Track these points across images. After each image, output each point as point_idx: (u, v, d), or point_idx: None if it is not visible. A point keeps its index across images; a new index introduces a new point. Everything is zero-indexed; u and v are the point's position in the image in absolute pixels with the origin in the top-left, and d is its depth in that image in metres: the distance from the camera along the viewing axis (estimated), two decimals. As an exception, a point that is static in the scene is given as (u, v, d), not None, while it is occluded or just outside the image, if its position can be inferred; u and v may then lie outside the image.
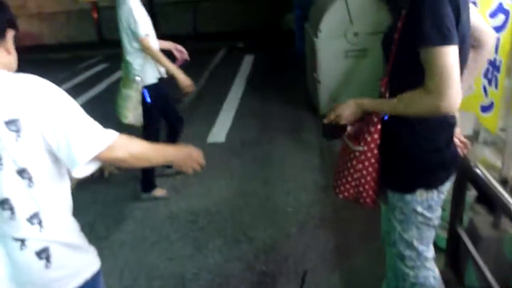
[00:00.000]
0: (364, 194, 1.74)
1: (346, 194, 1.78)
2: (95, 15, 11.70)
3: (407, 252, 1.76)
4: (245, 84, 6.92)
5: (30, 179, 1.25)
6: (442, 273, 2.33)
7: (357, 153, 1.67)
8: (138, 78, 3.34)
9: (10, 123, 1.20)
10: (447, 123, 1.62)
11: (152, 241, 3.11)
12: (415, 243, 1.74)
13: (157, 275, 2.75)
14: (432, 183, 1.63)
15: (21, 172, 1.24)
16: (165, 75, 3.49)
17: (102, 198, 3.73)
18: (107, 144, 1.29)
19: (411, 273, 1.80)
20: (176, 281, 2.69)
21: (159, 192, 3.69)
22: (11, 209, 1.25)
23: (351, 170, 1.71)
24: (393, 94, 1.56)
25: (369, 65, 4.91)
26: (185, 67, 3.58)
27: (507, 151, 2.56)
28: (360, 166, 1.68)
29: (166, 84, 3.54)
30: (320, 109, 5.14)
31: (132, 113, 3.45)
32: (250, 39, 10.62)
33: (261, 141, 4.72)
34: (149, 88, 3.39)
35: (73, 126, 1.26)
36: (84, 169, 1.29)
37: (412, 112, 1.48)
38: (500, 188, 2.15)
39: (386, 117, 1.61)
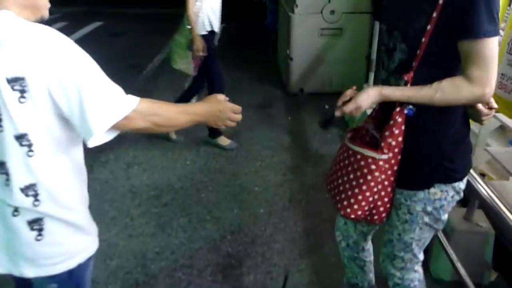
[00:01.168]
0: (381, 209, 1.56)
1: (359, 212, 1.55)
2: (54, -31, 10.94)
3: (401, 254, 1.67)
4: (213, 56, 6.67)
5: (29, 146, 1.09)
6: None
7: (381, 162, 1.49)
8: (188, 27, 3.43)
9: (13, 81, 1.03)
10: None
11: (111, 217, 2.92)
12: (413, 245, 1.64)
13: (115, 253, 2.58)
14: (449, 177, 1.52)
15: (20, 138, 1.08)
16: (216, 30, 3.59)
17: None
18: (125, 114, 1.14)
19: (398, 274, 1.73)
20: (136, 260, 2.54)
21: (223, 140, 3.82)
22: (7, 174, 1.12)
23: (372, 183, 1.51)
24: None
25: (343, 45, 4.81)
26: (151, 32, 3.41)
27: (478, 143, 2.56)
28: (383, 176, 1.50)
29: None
30: (290, 87, 5.02)
31: (181, 60, 3.60)
32: (222, 9, 10.27)
33: (229, 116, 4.56)
34: None
35: (89, 89, 1.09)
36: (100, 138, 1.13)
37: (450, 100, 1.37)
38: (479, 180, 2.14)
39: (410, 113, 1.45)
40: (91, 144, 1.14)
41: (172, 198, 3.13)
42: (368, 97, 1.45)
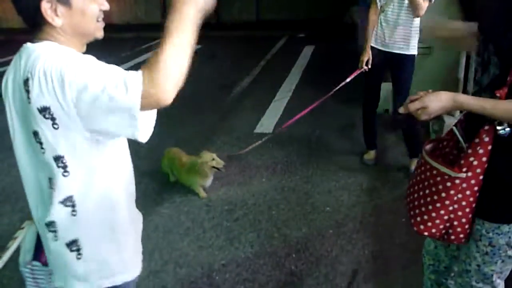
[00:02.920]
0: (459, 229, 1.47)
1: (433, 230, 1.50)
2: (161, -3, 11.94)
3: (480, 285, 1.56)
4: (301, 76, 6.78)
5: (64, 168, 1.20)
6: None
7: (457, 181, 1.41)
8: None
9: (43, 110, 1.12)
10: None
11: (185, 227, 3.10)
12: (494, 277, 1.53)
13: (185, 263, 2.74)
14: None
15: (57, 159, 1.19)
16: (375, 45, 3.82)
17: (147, 180, 3.74)
18: (139, 94, 1.06)
19: None
20: (203, 271, 2.66)
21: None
22: (52, 188, 1.23)
23: (447, 202, 1.44)
24: None
25: (431, 64, 4.60)
26: (244, 54, 3.53)
27: None
28: (459, 196, 1.42)
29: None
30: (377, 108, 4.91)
31: None
32: (312, 29, 10.41)
33: (309, 136, 4.60)
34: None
35: (102, 89, 1.07)
36: (144, 130, 1.13)
37: None
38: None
39: (505, 135, 1.32)
40: (142, 138, 1.14)
41: (244, 214, 3.23)
42: (438, 100, 1.35)
